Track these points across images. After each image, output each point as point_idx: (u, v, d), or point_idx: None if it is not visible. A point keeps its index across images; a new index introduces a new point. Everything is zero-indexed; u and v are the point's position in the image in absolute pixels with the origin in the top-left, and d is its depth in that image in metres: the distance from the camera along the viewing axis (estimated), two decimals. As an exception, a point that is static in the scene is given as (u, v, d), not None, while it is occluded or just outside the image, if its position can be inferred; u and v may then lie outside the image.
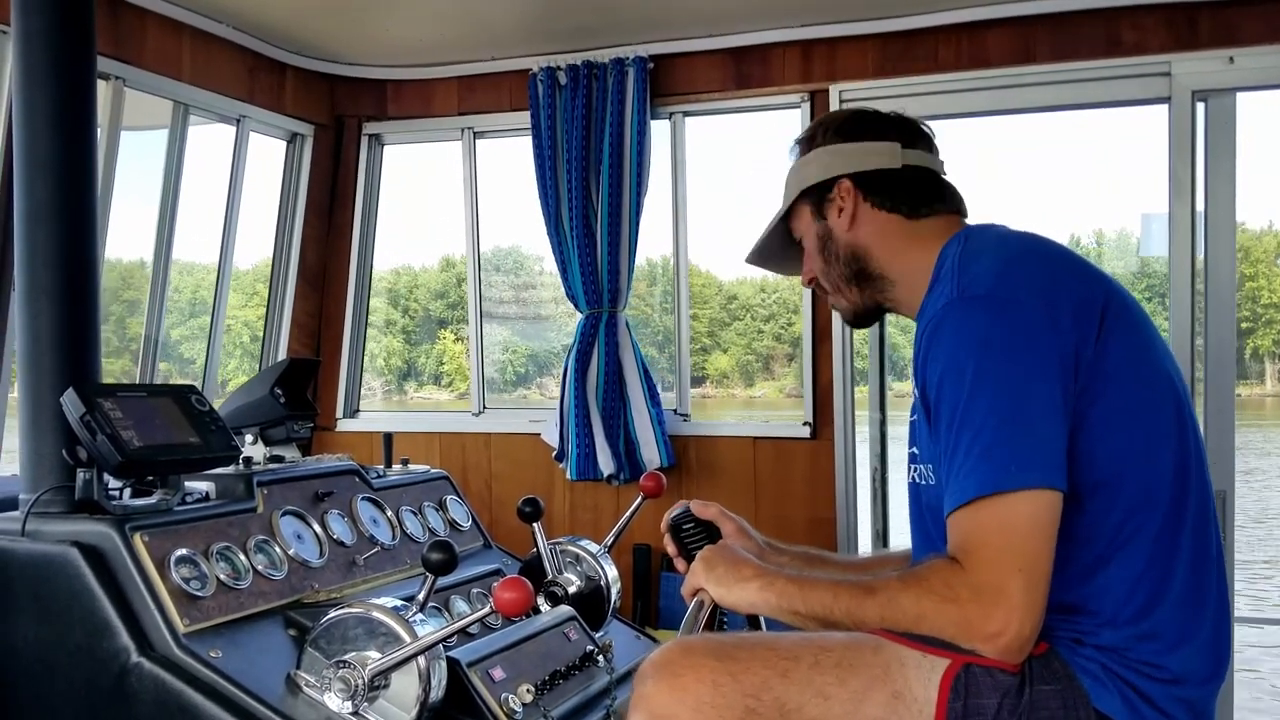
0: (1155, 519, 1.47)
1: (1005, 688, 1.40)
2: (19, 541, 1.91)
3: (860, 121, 1.77)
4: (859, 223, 1.72)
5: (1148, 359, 1.54)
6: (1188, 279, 3.22)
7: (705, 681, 1.41)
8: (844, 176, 1.73)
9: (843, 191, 1.73)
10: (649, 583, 3.77)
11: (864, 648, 1.44)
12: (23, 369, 2.09)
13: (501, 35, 3.70)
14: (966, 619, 1.37)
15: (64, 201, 2.10)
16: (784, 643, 1.46)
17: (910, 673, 1.41)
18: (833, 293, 1.82)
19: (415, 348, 11.18)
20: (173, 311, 4.04)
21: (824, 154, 1.76)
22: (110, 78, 3.16)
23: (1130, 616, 1.45)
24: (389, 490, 2.58)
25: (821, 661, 1.42)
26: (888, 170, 1.72)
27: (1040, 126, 12.95)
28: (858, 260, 1.74)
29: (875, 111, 1.79)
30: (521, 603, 1.73)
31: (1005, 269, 1.53)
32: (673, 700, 1.41)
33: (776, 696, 1.40)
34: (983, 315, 1.47)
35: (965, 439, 1.41)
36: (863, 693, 1.40)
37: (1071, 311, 1.47)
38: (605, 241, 3.69)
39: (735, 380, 18.73)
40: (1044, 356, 1.43)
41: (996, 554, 1.37)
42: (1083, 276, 1.56)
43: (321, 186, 4.16)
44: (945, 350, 1.47)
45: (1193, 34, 3.19)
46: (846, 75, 3.57)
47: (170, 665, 1.77)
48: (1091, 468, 1.45)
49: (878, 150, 1.73)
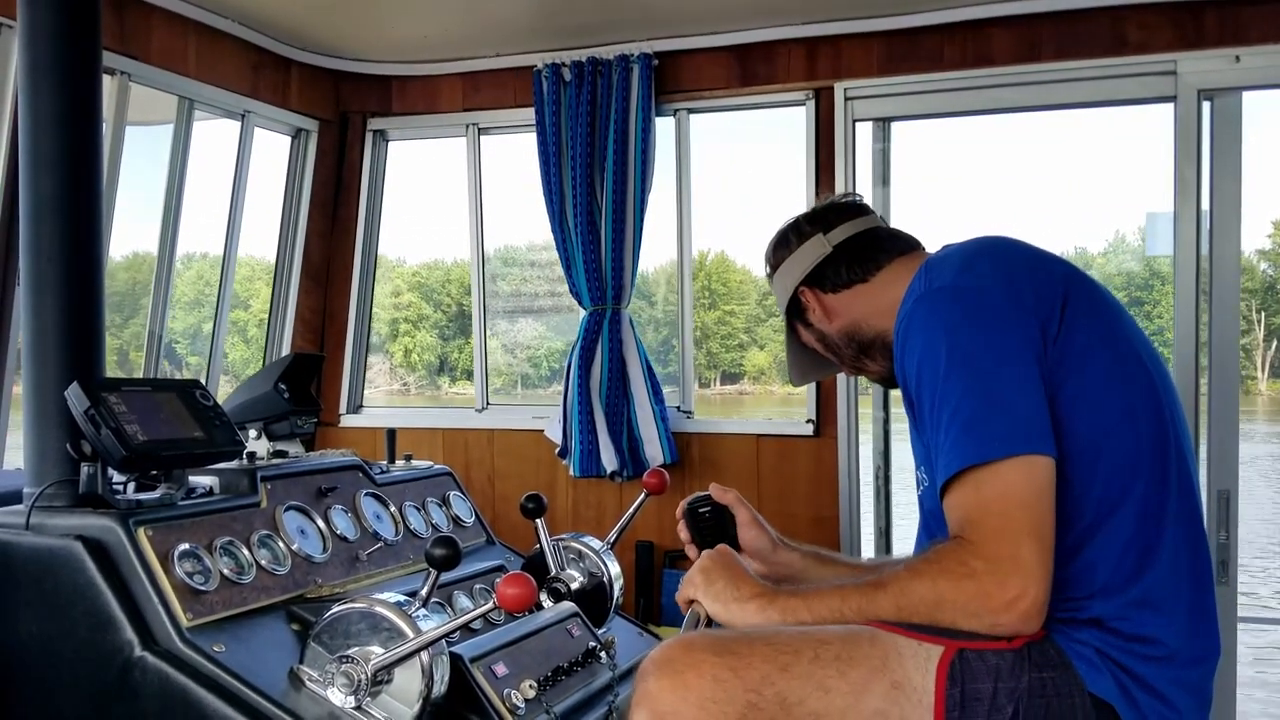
0: (1138, 488, 1.50)
1: (999, 671, 1.41)
2: (23, 535, 1.92)
3: (784, 238, 1.92)
4: (833, 312, 1.85)
5: (1118, 340, 1.58)
6: (1193, 278, 3.22)
7: (706, 678, 1.41)
8: (799, 287, 1.87)
9: (806, 299, 1.88)
10: (651, 580, 3.77)
11: (861, 639, 1.45)
12: (28, 363, 2.09)
13: (506, 32, 3.70)
14: (985, 591, 1.38)
15: (69, 196, 2.10)
16: (783, 637, 1.47)
17: (908, 662, 1.42)
18: (856, 370, 1.93)
19: (448, 343, 11.15)
20: (204, 305, 4.03)
21: (778, 279, 1.92)
22: (116, 73, 3.16)
23: (1121, 583, 1.47)
24: (392, 486, 2.58)
25: (821, 655, 1.43)
26: (824, 260, 1.84)
27: (1045, 125, 12.93)
28: (853, 339, 1.85)
29: (795, 219, 1.92)
30: (524, 599, 1.73)
31: (966, 264, 1.61)
32: (675, 698, 1.42)
33: (778, 691, 1.41)
34: (949, 303, 1.54)
35: (945, 416, 1.46)
36: (863, 684, 1.41)
37: (1033, 295, 1.54)
38: (609, 238, 3.69)
39: (772, 377, 18.68)
40: (1013, 333, 1.49)
41: (1002, 522, 1.39)
42: (1042, 266, 1.62)
43: (326, 182, 4.16)
44: (918, 341, 1.54)
45: (1199, 33, 3.18)
46: (851, 73, 3.57)
47: (173, 659, 1.78)
48: (1069, 441, 1.48)
49: (806, 251, 1.87)
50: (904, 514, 2.31)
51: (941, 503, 1.47)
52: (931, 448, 1.50)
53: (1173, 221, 3.25)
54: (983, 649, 1.42)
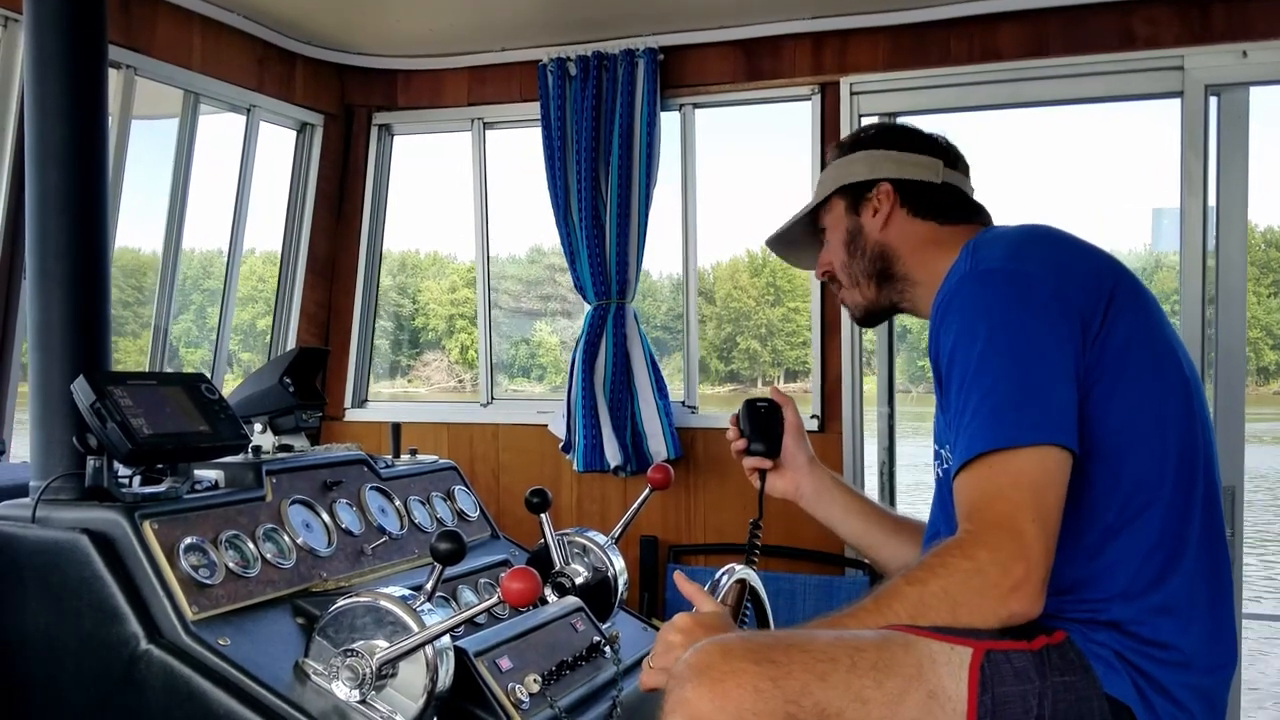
0: (1164, 493, 1.49)
1: (1024, 674, 1.40)
2: (29, 528, 1.92)
3: (908, 134, 1.87)
4: (891, 225, 1.81)
5: (1156, 341, 1.57)
6: (1199, 274, 3.21)
7: (747, 688, 1.37)
8: (886, 180, 1.81)
9: (881, 194, 1.82)
10: (656, 574, 3.77)
11: (895, 645, 1.42)
12: (34, 357, 2.09)
13: (511, 26, 3.69)
14: (992, 582, 1.38)
15: (75, 190, 2.10)
16: (819, 644, 1.43)
17: (942, 669, 1.40)
18: (849, 287, 1.89)
19: (505, 339, 11.08)
20: (257, 300, 4.01)
21: (870, 156, 1.85)
22: (121, 66, 3.16)
23: (1142, 588, 1.46)
24: (397, 480, 2.58)
25: (858, 663, 1.40)
26: (927, 183, 1.81)
27: (1052, 120, 12.92)
28: (884, 259, 1.82)
29: (922, 131, 1.88)
30: (529, 593, 1.73)
31: (1017, 248, 1.59)
32: (714, 708, 1.37)
33: (816, 701, 1.37)
34: (995, 285, 1.52)
35: (975, 398, 1.45)
36: (899, 695, 1.39)
37: (1080, 287, 1.52)
38: (614, 233, 3.69)
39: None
40: (1054, 324, 1.48)
41: (1010, 507, 1.39)
42: (1093, 260, 1.60)
43: (331, 176, 4.16)
44: (958, 319, 1.52)
45: (1206, 28, 3.17)
46: (857, 68, 3.56)
47: (179, 653, 1.78)
48: (1097, 438, 1.47)
49: (922, 163, 1.82)
50: (909, 509, 2.31)
51: (954, 475, 1.47)
52: (955, 427, 1.49)
53: (1179, 217, 3.24)
54: (1008, 649, 1.41)
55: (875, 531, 2.05)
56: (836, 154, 1.93)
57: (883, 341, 3.66)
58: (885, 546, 2.03)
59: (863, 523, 2.06)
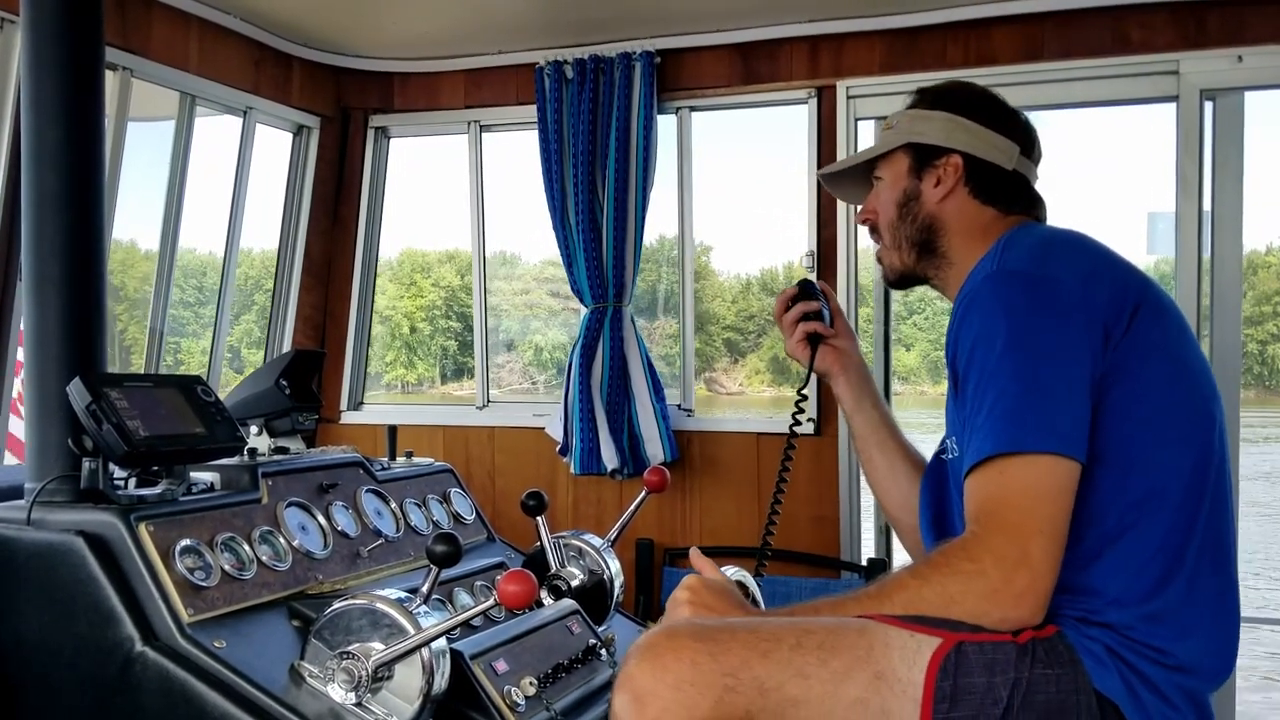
0: (1170, 503, 1.49)
1: (998, 665, 1.41)
2: (24, 530, 1.92)
3: (993, 108, 1.81)
4: (950, 200, 1.77)
5: (1178, 352, 1.56)
6: (1194, 278, 3.22)
7: (685, 661, 1.40)
8: (958, 153, 1.76)
9: (950, 165, 1.77)
10: (652, 577, 3.77)
11: (848, 630, 1.44)
12: (29, 358, 2.09)
13: (508, 28, 3.70)
14: (993, 588, 1.39)
15: (71, 191, 2.10)
16: (768, 626, 1.46)
17: (895, 654, 1.41)
18: (890, 247, 1.85)
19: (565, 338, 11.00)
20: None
21: (949, 121, 1.78)
22: (117, 68, 3.16)
23: (1139, 596, 1.46)
24: (393, 482, 2.58)
25: (804, 643, 1.42)
26: (998, 167, 1.75)
27: (1046, 124, 12.98)
28: (932, 231, 1.78)
29: (1008, 106, 1.83)
30: (525, 596, 1.73)
31: (1045, 251, 1.59)
32: (652, 679, 1.41)
33: (755, 675, 1.40)
34: (1019, 287, 1.52)
35: (990, 398, 1.45)
36: (844, 673, 1.40)
37: (1107, 293, 1.52)
38: (611, 236, 3.69)
39: (922, 377, 17.87)
40: (1075, 331, 1.48)
41: (1020, 515, 1.40)
42: (1121, 269, 1.60)
43: (327, 179, 4.16)
44: (979, 318, 1.52)
45: (1201, 32, 3.18)
46: (853, 71, 3.56)
47: (174, 655, 1.78)
48: (1106, 444, 1.47)
49: (998, 145, 1.76)
50: (907, 512, 2.30)
51: (965, 475, 1.47)
52: (967, 422, 1.50)
53: (1174, 222, 3.25)
54: (983, 641, 1.41)
55: (889, 442, 2.03)
56: (917, 101, 1.86)
57: (879, 346, 3.67)
58: (886, 464, 2.03)
59: (884, 432, 2.05)
